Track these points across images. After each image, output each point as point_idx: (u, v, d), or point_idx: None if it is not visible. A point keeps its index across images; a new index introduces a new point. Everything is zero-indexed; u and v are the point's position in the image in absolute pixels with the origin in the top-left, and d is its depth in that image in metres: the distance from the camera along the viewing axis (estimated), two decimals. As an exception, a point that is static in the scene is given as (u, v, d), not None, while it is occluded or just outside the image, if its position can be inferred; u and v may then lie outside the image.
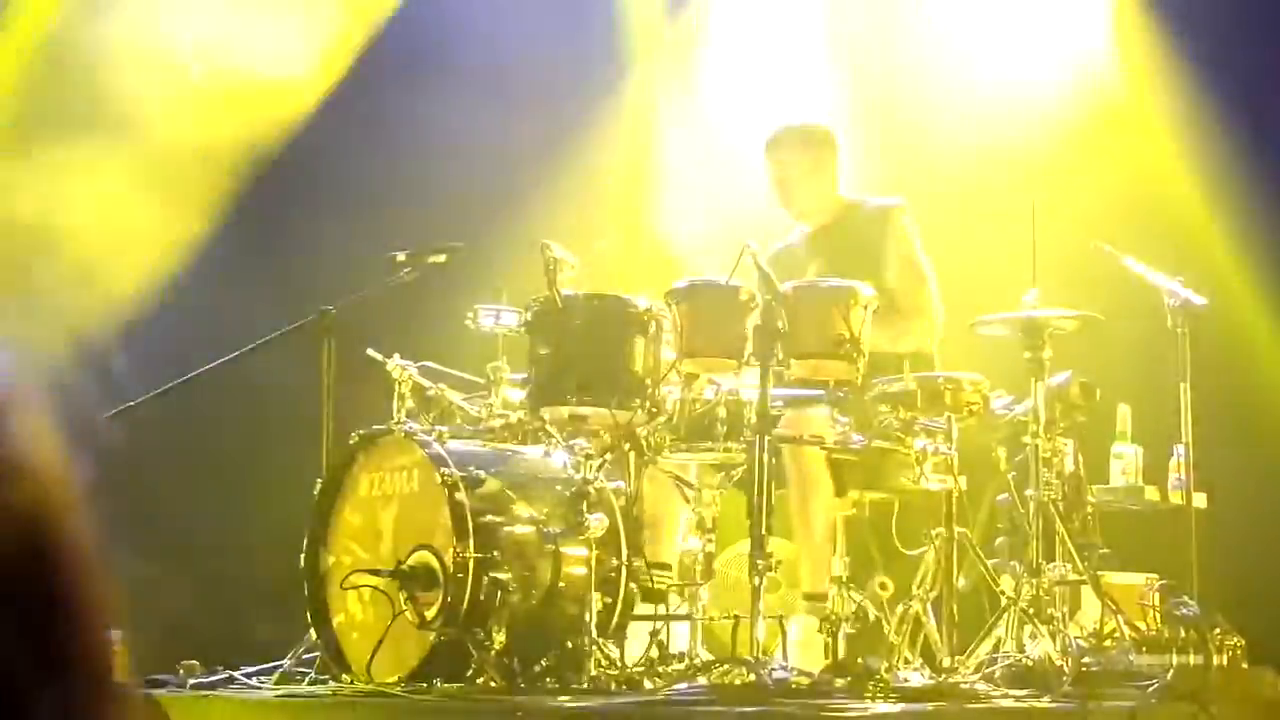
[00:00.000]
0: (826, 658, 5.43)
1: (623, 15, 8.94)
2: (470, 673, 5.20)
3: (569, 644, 5.22)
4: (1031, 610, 5.57)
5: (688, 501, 5.65)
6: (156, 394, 6.38)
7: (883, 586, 5.74)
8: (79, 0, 7.89)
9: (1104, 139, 8.24)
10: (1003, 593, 5.69)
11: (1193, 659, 5.41)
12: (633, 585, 5.52)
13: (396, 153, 8.36)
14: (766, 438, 5.15)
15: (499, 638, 5.19)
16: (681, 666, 5.25)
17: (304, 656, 5.81)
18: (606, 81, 8.81)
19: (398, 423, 5.79)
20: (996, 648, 5.59)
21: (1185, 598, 5.75)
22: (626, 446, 5.62)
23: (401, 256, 6.36)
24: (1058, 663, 5.35)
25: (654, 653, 5.38)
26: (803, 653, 5.49)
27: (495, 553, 5.32)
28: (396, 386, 5.92)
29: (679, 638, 5.49)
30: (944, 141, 8.19)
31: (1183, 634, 5.48)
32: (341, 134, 8.37)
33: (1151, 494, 6.73)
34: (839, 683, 5.05)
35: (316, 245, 7.92)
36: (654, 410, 5.48)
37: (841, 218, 6.56)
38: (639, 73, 8.96)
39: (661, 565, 5.72)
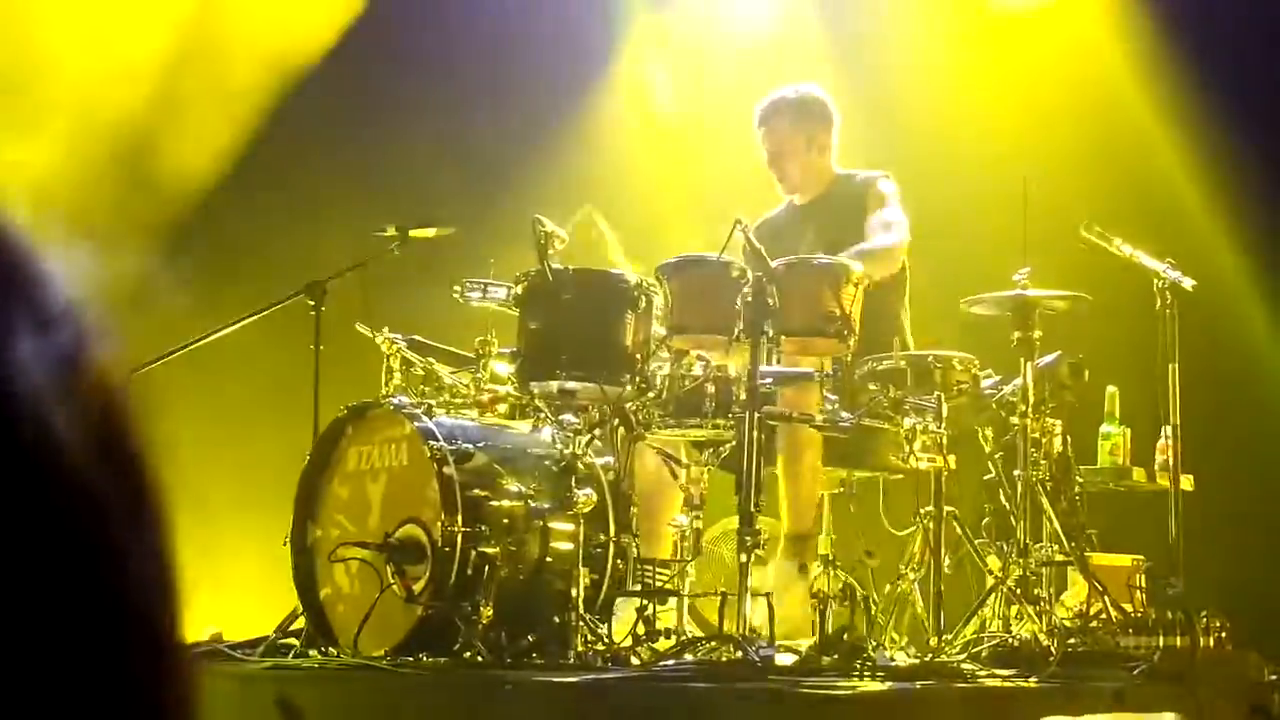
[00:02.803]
0: (811, 632, 5.43)
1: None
2: (457, 647, 5.19)
3: (556, 619, 5.22)
4: (1018, 590, 5.57)
5: (675, 478, 5.63)
6: (147, 365, 6.36)
7: (868, 554, 5.73)
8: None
9: (1096, 119, 8.24)
10: (990, 572, 5.70)
11: (1179, 641, 5.42)
12: (619, 562, 5.52)
13: (389, 127, 8.35)
14: (756, 414, 5.14)
15: (486, 612, 5.18)
16: (668, 643, 5.25)
17: (290, 629, 5.81)
18: (599, 54, 8.79)
19: (386, 396, 5.78)
20: (983, 627, 5.60)
21: (1171, 579, 5.76)
22: (615, 422, 5.61)
23: (391, 230, 6.35)
24: (1044, 643, 5.36)
25: (641, 629, 5.37)
26: (780, 600, 5.45)
27: (483, 527, 5.31)
28: (385, 360, 5.91)
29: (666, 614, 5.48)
30: (936, 118, 8.19)
31: (1169, 616, 5.48)
32: (334, 108, 8.35)
33: (1138, 475, 6.74)
34: (826, 660, 5.05)
35: (307, 217, 7.90)
36: (643, 386, 5.47)
37: (831, 191, 6.55)
38: (630, 45, 8.95)
39: (658, 560, 5.70)
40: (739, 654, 4.83)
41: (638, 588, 5.55)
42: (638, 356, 5.49)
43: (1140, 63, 8.27)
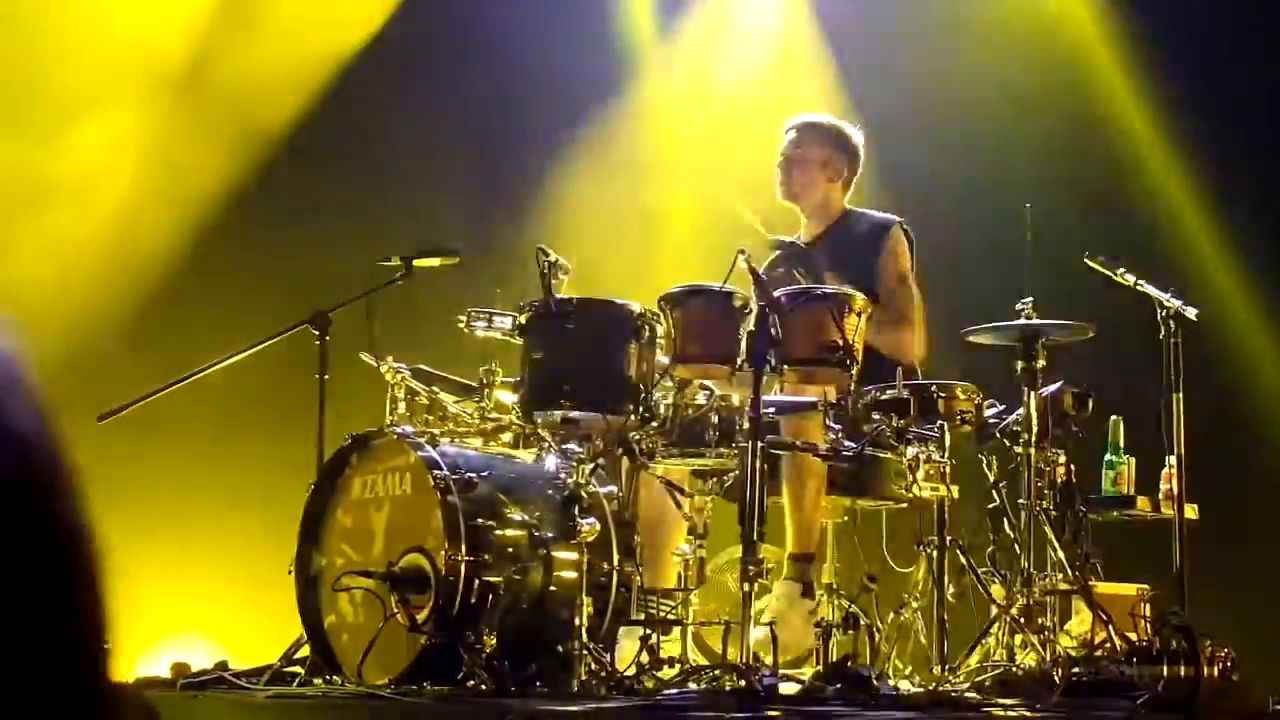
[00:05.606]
0: (814, 659, 5.43)
1: (622, 19, 8.97)
2: (460, 676, 5.19)
3: (559, 648, 5.21)
4: (1022, 619, 5.57)
5: (679, 507, 5.64)
6: (151, 395, 6.37)
7: (870, 579, 5.73)
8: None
9: (1099, 150, 8.26)
10: (994, 602, 5.70)
11: (1183, 670, 5.41)
12: (623, 591, 5.52)
13: (393, 155, 8.37)
14: (759, 444, 5.15)
15: (490, 641, 5.18)
16: (672, 672, 5.25)
17: (294, 658, 5.81)
18: (607, 85, 8.81)
19: (390, 425, 5.79)
20: (987, 657, 5.59)
21: (1176, 608, 5.75)
22: (619, 451, 5.62)
23: (396, 260, 6.37)
24: (1048, 672, 5.35)
25: (644, 657, 5.37)
26: (784, 622, 5.46)
27: (487, 556, 5.31)
28: (390, 389, 5.92)
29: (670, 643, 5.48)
30: (938, 146, 8.20)
31: (1173, 645, 5.47)
32: (339, 135, 8.37)
33: (1143, 504, 6.74)
34: (830, 689, 5.04)
35: (312, 247, 7.92)
36: (647, 415, 5.48)
37: (841, 226, 6.56)
38: (638, 76, 8.97)
39: (661, 591, 5.70)
40: (742, 683, 4.83)
41: (641, 616, 5.56)
42: (641, 386, 5.49)
43: (1145, 90, 8.29)
